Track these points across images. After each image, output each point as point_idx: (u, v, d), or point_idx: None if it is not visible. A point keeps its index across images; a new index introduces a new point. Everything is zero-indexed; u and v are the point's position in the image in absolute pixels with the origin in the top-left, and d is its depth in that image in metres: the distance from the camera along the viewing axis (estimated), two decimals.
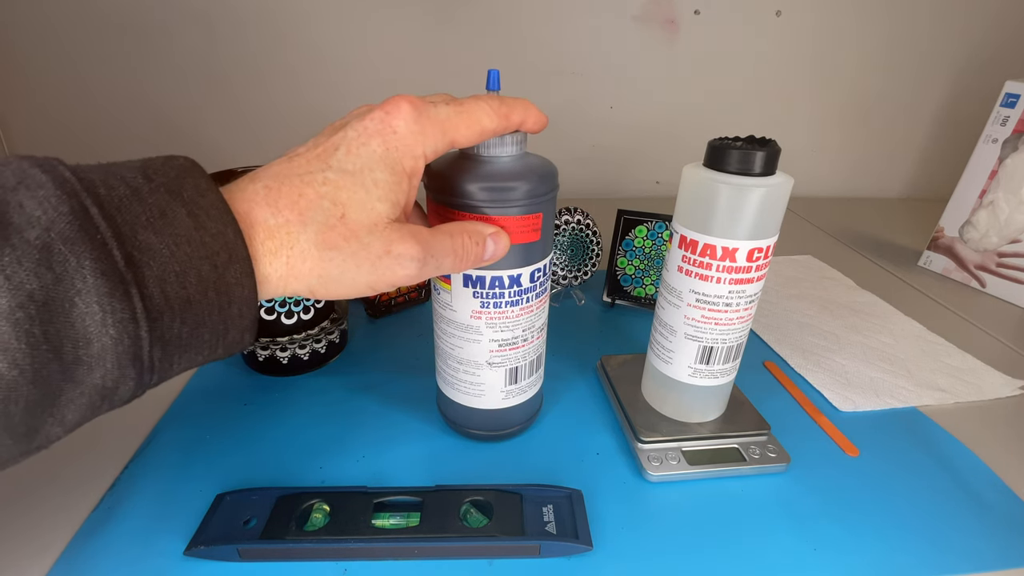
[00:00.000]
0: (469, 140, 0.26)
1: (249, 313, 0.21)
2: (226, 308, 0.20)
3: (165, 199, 0.19)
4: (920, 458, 0.38)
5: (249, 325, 0.22)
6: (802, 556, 0.31)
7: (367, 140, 0.23)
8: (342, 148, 0.23)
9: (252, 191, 0.22)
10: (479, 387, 0.35)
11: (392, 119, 0.23)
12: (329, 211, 0.22)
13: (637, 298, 0.55)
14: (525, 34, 0.82)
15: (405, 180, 0.24)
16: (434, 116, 0.24)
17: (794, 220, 0.85)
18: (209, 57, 0.77)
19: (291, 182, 0.22)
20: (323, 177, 0.22)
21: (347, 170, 0.23)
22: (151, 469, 0.35)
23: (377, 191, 0.23)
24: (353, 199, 0.22)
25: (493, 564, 0.29)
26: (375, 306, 0.52)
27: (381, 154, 0.23)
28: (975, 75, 0.91)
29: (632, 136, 0.91)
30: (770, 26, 0.85)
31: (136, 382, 0.19)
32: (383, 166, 0.23)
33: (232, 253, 0.20)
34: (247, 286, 0.21)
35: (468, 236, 0.27)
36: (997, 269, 0.61)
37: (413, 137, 0.24)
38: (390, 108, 0.24)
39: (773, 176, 0.30)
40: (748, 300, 0.33)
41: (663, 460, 0.35)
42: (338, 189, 0.22)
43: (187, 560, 0.29)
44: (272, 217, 0.21)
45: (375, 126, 0.23)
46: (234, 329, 0.21)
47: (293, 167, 0.23)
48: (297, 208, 0.22)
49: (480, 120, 0.25)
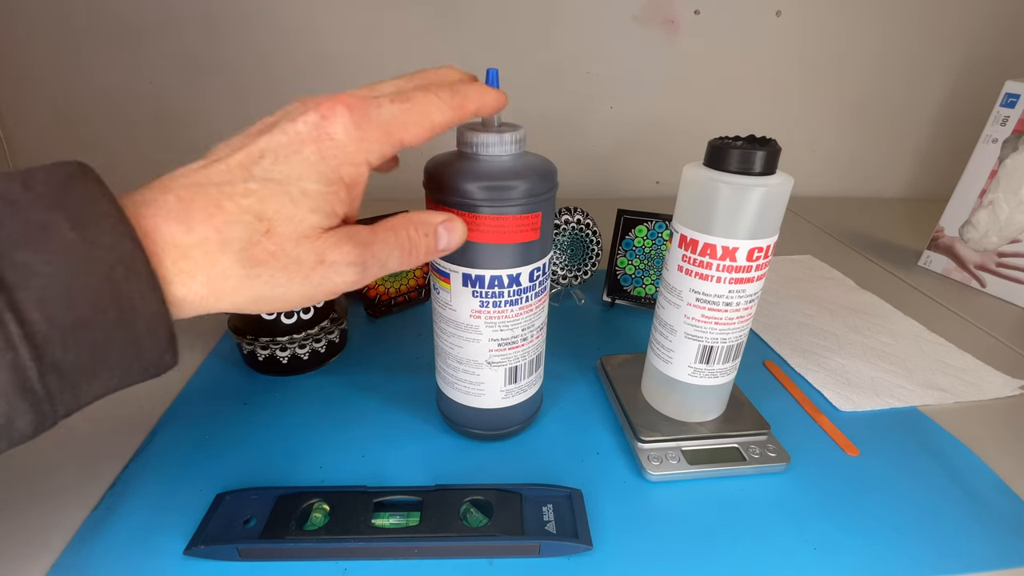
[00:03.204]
0: (419, 138, 0.23)
1: (162, 331, 0.19)
2: (131, 327, 0.18)
3: (45, 211, 0.17)
4: (920, 458, 0.38)
5: (166, 345, 0.19)
6: (802, 556, 0.31)
7: (299, 147, 0.21)
8: (269, 155, 0.20)
9: (162, 203, 0.19)
10: (479, 386, 0.35)
11: (328, 124, 0.21)
12: (252, 226, 0.20)
13: (637, 298, 0.55)
14: (525, 34, 0.82)
15: (343, 190, 0.22)
16: (376, 118, 0.22)
17: (794, 220, 0.85)
18: (210, 52, 0.77)
19: (207, 193, 0.20)
20: (244, 188, 0.20)
21: (273, 179, 0.20)
22: (151, 469, 0.35)
23: (308, 202, 0.21)
24: (280, 212, 0.20)
25: (493, 564, 0.29)
26: (375, 306, 0.52)
27: (314, 162, 0.21)
28: (975, 75, 0.91)
29: (632, 136, 0.91)
30: (770, 26, 0.85)
31: (34, 415, 0.17)
32: (315, 175, 0.21)
33: (130, 267, 0.18)
34: (153, 300, 0.18)
35: (415, 228, 0.24)
36: (997, 269, 0.61)
37: (354, 144, 0.21)
38: (326, 111, 0.21)
39: (773, 176, 0.30)
40: (748, 300, 0.33)
41: (663, 460, 0.35)
42: (262, 201, 0.20)
43: (187, 560, 0.29)
44: (185, 235, 0.19)
45: (308, 132, 0.21)
46: (149, 351, 0.19)
47: (211, 175, 0.20)
48: (214, 224, 0.19)
49: (430, 115, 0.23)
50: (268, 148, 0.21)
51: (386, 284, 0.53)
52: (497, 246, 0.30)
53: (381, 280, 0.52)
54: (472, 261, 0.30)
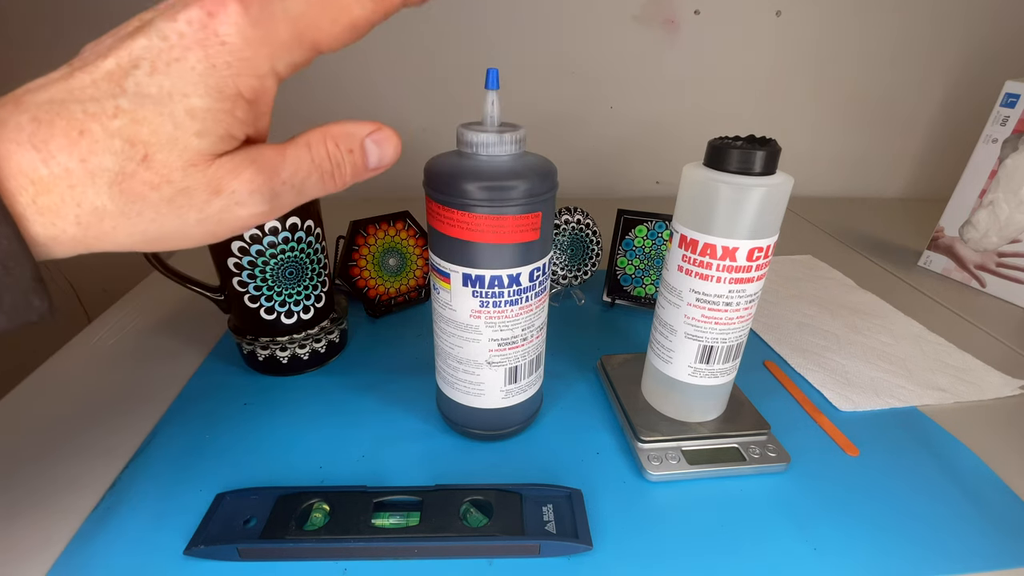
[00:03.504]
0: (337, 40, 0.18)
1: (21, 271, 0.16)
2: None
3: None
4: (920, 458, 0.38)
5: (30, 286, 0.17)
6: (802, 555, 0.31)
7: (181, 53, 0.16)
8: (144, 65, 0.16)
9: (14, 126, 0.16)
10: (479, 386, 0.35)
11: (217, 23, 0.16)
12: (124, 153, 0.16)
13: (637, 298, 0.55)
14: (525, 34, 0.82)
15: (240, 107, 0.18)
16: (281, 13, 0.17)
17: (794, 220, 0.85)
18: None
19: (69, 113, 0.16)
20: (114, 107, 0.16)
21: (148, 95, 0.16)
22: (151, 469, 0.35)
23: (193, 123, 0.17)
24: (159, 136, 0.17)
25: (493, 564, 0.29)
26: (375, 306, 0.52)
27: (201, 72, 0.17)
28: (975, 75, 0.91)
29: (632, 136, 0.91)
30: (770, 26, 0.85)
31: None
32: (203, 89, 0.17)
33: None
34: (4, 236, 0.16)
35: (335, 143, 0.20)
36: (997, 269, 0.61)
37: (252, 48, 0.17)
38: (212, 6, 0.16)
39: (773, 175, 0.30)
40: (748, 300, 0.33)
41: (663, 460, 0.35)
42: (136, 123, 0.16)
43: (187, 560, 0.29)
44: (43, 165, 0.16)
45: (193, 34, 0.16)
46: (9, 293, 0.16)
47: (74, 88, 0.16)
48: (78, 152, 0.16)
49: (348, 9, 0.18)
50: (143, 56, 0.16)
51: (386, 284, 0.53)
52: (497, 246, 0.30)
53: (381, 280, 0.52)
54: (472, 261, 0.30)
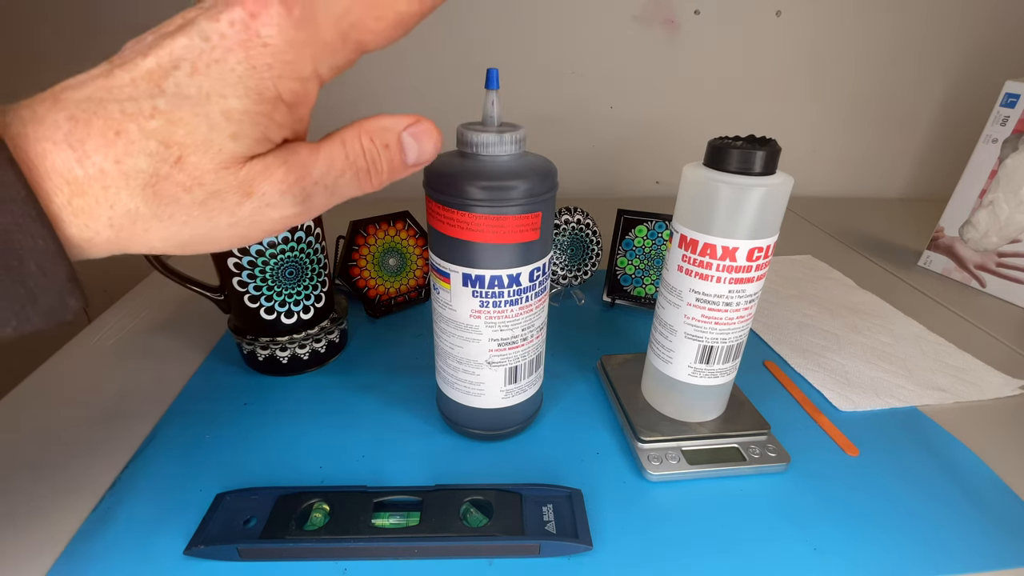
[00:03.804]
0: (383, 37, 0.18)
1: (58, 271, 0.16)
2: (16, 267, 0.15)
3: None
4: (920, 458, 0.38)
5: (66, 287, 0.17)
6: (802, 555, 0.31)
7: (222, 55, 0.16)
8: (184, 65, 0.16)
9: (51, 124, 0.16)
10: (479, 386, 0.35)
11: (259, 24, 0.16)
12: (158, 155, 0.16)
13: (637, 298, 0.55)
14: (525, 34, 0.82)
15: (280, 110, 0.17)
16: (324, 14, 0.17)
17: (794, 220, 0.85)
18: None
19: (107, 112, 0.16)
20: (151, 107, 0.16)
21: (187, 96, 0.16)
22: (151, 469, 0.35)
23: (229, 126, 0.16)
24: (193, 138, 0.16)
25: (493, 564, 0.29)
26: (375, 306, 0.52)
27: (241, 74, 0.16)
28: (975, 75, 0.91)
29: (632, 136, 0.91)
30: (770, 26, 0.85)
31: None
32: (242, 91, 0.16)
33: (3, 192, 0.15)
34: (39, 236, 0.16)
35: (370, 138, 0.19)
36: (997, 269, 0.61)
37: (295, 50, 0.17)
38: (255, 7, 0.16)
39: (773, 176, 0.30)
40: (748, 300, 0.33)
41: (663, 460, 0.35)
42: (172, 124, 0.16)
43: (187, 560, 0.29)
44: (78, 166, 0.16)
45: (235, 34, 0.16)
46: (45, 294, 0.16)
47: (113, 87, 0.16)
48: (113, 153, 0.16)
49: (393, 4, 0.17)
50: (184, 56, 0.16)
51: (386, 284, 0.53)
52: (497, 246, 0.30)
53: (381, 280, 0.52)
54: (472, 261, 0.30)
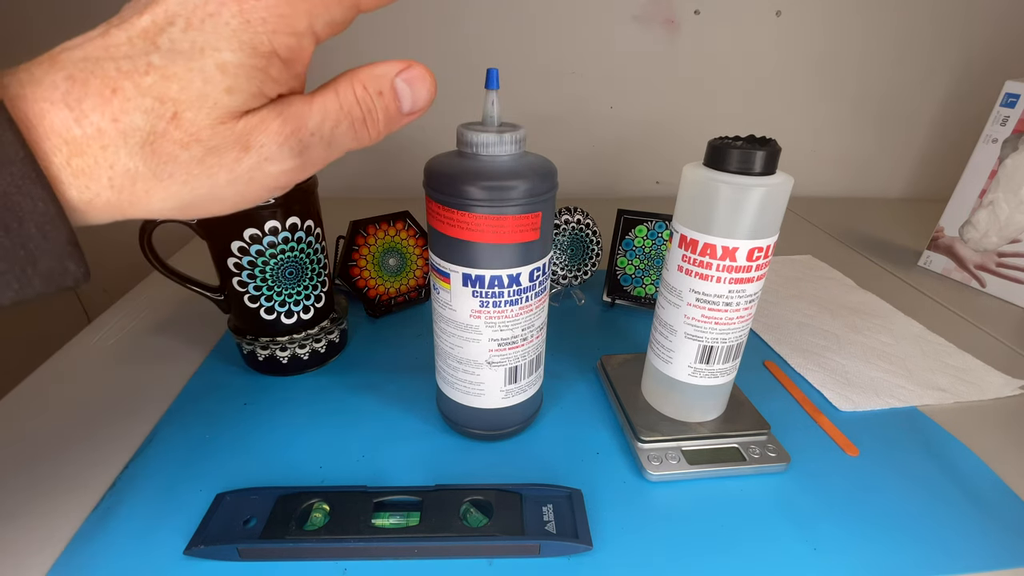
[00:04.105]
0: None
1: (58, 234, 0.16)
2: (16, 229, 0.15)
3: None
4: (920, 458, 0.38)
5: (66, 250, 0.16)
6: (801, 555, 0.31)
7: (216, 8, 0.16)
8: (179, 21, 0.16)
9: (49, 84, 0.16)
10: (479, 386, 0.35)
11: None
12: (154, 111, 0.16)
13: (637, 298, 0.55)
14: (525, 34, 0.82)
15: (275, 65, 0.17)
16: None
17: (794, 220, 0.85)
18: None
19: (103, 71, 0.16)
20: (146, 63, 0.16)
21: (180, 51, 0.16)
22: (151, 469, 0.35)
23: (224, 79, 0.16)
24: (188, 93, 0.16)
25: (493, 564, 0.29)
26: (375, 306, 0.52)
27: (235, 28, 0.16)
28: (975, 75, 0.91)
29: (632, 136, 0.91)
30: (770, 26, 0.85)
31: None
32: (236, 44, 0.16)
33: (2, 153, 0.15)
34: (39, 198, 0.16)
35: (363, 86, 0.19)
36: (997, 269, 0.61)
37: (290, 5, 0.17)
38: None
39: (773, 176, 0.30)
40: (748, 300, 0.33)
41: (663, 460, 0.35)
42: (166, 79, 0.16)
43: (187, 560, 0.29)
44: (76, 125, 0.16)
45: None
46: (45, 256, 0.16)
47: (110, 45, 0.16)
48: (110, 111, 0.16)
49: None
50: (178, 12, 0.16)
51: (386, 284, 0.53)
52: (497, 246, 0.30)
53: (381, 280, 0.52)
54: (472, 261, 0.30)
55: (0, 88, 0.16)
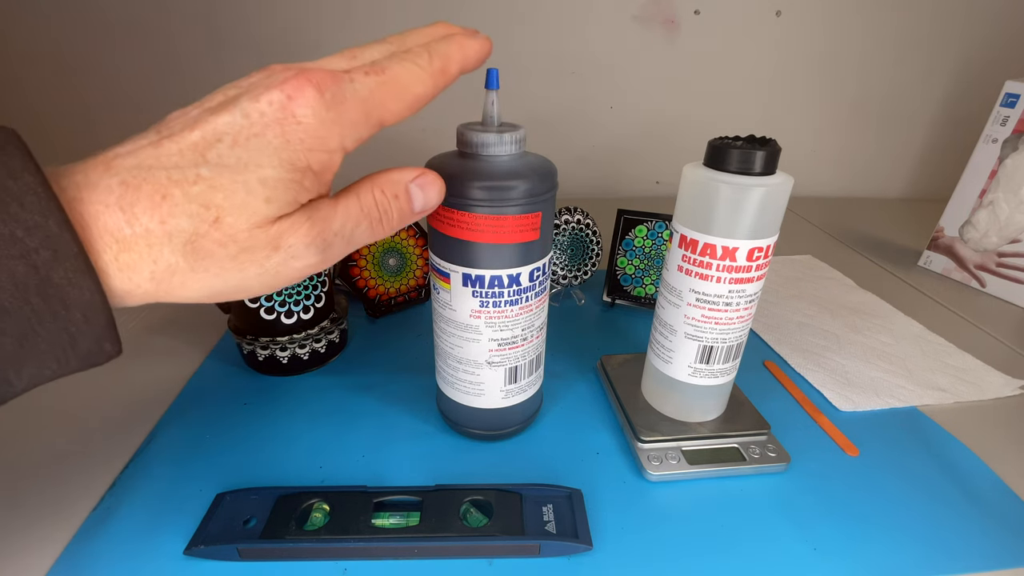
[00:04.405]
0: (400, 115, 0.21)
1: (99, 319, 0.18)
2: (63, 315, 0.17)
3: None
4: (920, 458, 0.38)
5: (104, 333, 0.18)
6: (801, 555, 0.31)
7: (261, 130, 0.18)
8: (226, 139, 0.18)
9: (104, 188, 0.17)
10: (479, 386, 0.35)
11: (295, 106, 0.18)
12: (198, 216, 0.18)
13: (637, 298, 0.55)
14: (525, 34, 0.82)
15: (309, 178, 0.19)
16: (352, 96, 0.19)
17: (794, 220, 0.85)
18: (208, 51, 0.77)
19: (155, 179, 0.18)
20: (195, 174, 0.18)
21: (227, 165, 0.18)
22: (151, 469, 0.35)
23: (264, 191, 0.18)
24: (231, 201, 0.18)
25: (493, 564, 0.29)
26: (375, 306, 0.52)
27: (277, 147, 0.18)
28: (975, 75, 0.91)
29: (632, 136, 0.91)
30: (770, 26, 0.85)
31: None
32: (276, 161, 0.19)
33: (58, 249, 0.16)
34: (87, 288, 0.17)
35: (381, 191, 0.22)
36: (997, 269, 0.61)
37: (325, 128, 0.19)
38: (292, 91, 0.18)
39: (773, 176, 0.30)
40: (748, 300, 0.33)
41: (663, 460, 0.35)
42: (213, 189, 0.18)
43: (187, 560, 0.29)
44: (127, 226, 0.17)
45: (273, 113, 0.18)
46: (85, 339, 0.18)
47: (161, 155, 0.18)
48: (159, 214, 0.18)
49: (411, 88, 0.20)
50: (226, 131, 0.18)
51: (386, 284, 0.53)
52: (497, 246, 0.30)
53: (381, 280, 0.52)
54: (472, 261, 0.30)
55: (58, 189, 0.17)
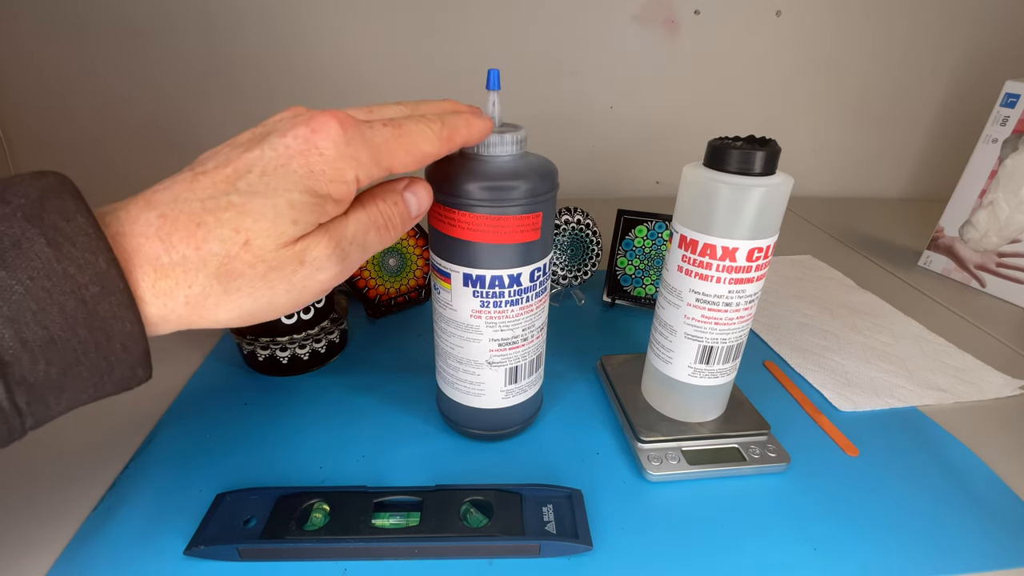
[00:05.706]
0: (407, 167, 0.23)
1: (136, 349, 0.19)
2: (105, 345, 0.18)
3: (21, 226, 0.17)
4: (920, 458, 0.38)
5: (139, 361, 0.20)
6: (802, 556, 0.31)
7: (287, 161, 0.20)
8: (256, 170, 0.20)
9: (144, 222, 0.19)
10: (479, 386, 0.35)
11: (319, 139, 0.21)
12: (230, 239, 0.20)
13: (637, 298, 0.55)
14: (525, 34, 0.82)
15: (329, 204, 0.21)
16: (369, 139, 0.22)
17: (794, 220, 0.85)
18: (207, 56, 0.77)
19: (191, 209, 0.19)
20: (227, 201, 0.20)
21: (256, 192, 0.20)
22: (151, 469, 0.35)
23: (291, 213, 0.20)
24: (259, 224, 0.20)
25: (493, 564, 0.29)
26: (375, 306, 0.52)
27: (302, 175, 0.21)
28: (975, 75, 0.91)
29: (632, 136, 0.91)
30: (770, 26, 0.85)
31: (4, 427, 0.18)
32: (302, 187, 0.20)
33: (105, 284, 0.18)
34: (128, 320, 0.18)
35: (383, 201, 0.24)
36: (997, 269, 0.61)
37: (344, 161, 0.21)
38: (317, 126, 0.21)
39: (773, 176, 0.30)
40: (748, 300, 0.33)
41: (663, 460, 0.35)
42: (242, 214, 0.20)
43: (187, 560, 0.29)
44: (165, 254, 0.19)
45: (298, 145, 0.21)
46: (121, 366, 0.19)
47: (196, 189, 0.20)
48: (194, 241, 0.19)
49: (420, 146, 0.23)
50: (255, 164, 0.20)
51: (386, 284, 0.53)
52: (498, 246, 0.30)
53: (381, 280, 0.52)
54: (473, 261, 0.30)
55: (103, 225, 0.19)
